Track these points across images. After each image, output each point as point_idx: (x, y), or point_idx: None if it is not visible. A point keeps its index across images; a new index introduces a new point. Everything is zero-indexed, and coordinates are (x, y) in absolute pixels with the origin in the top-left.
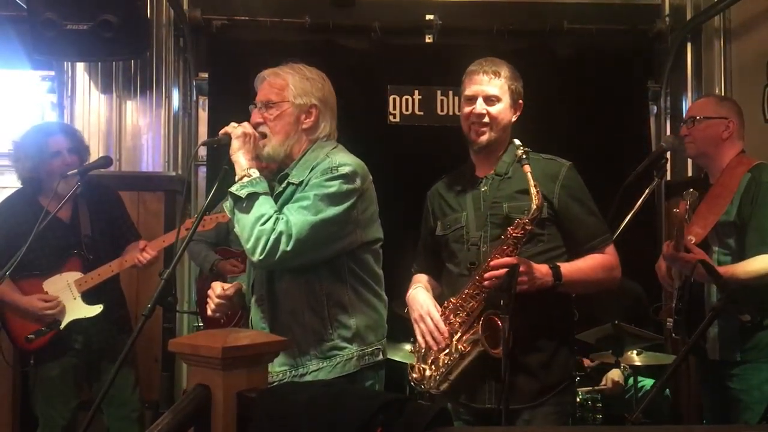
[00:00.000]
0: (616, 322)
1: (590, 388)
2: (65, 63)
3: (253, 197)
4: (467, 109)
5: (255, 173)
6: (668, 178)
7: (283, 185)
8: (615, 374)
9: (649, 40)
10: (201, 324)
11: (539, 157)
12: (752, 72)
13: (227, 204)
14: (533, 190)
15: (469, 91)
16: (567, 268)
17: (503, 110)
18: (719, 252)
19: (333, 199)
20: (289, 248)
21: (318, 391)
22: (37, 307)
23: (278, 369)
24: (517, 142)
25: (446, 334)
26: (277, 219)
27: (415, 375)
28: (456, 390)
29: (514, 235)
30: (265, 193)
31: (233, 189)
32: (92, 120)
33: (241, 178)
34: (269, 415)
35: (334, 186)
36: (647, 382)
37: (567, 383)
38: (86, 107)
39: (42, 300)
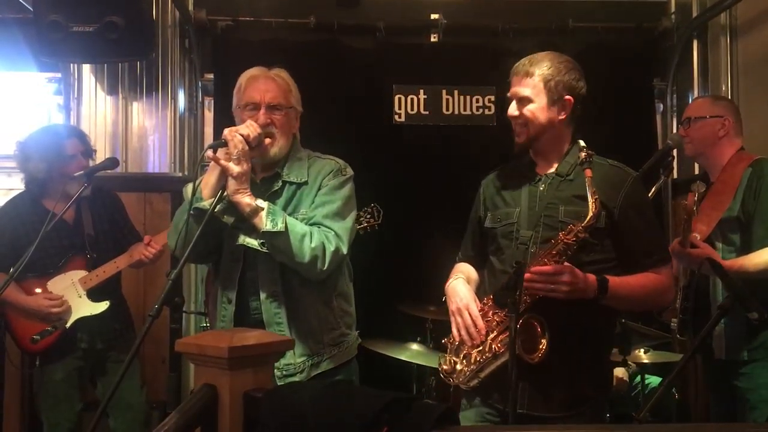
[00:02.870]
0: (623, 320)
1: None
2: (71, 65)
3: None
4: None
5: (263, 203)
6: (675, 176)
7: (279, 184)
8: (619, 372)
9: (655, 37)
10: (208, 324)
11: (605, 162)
12: (759, 69)
13: (251, 241)
14: (590, 197)
15: (509, 92)
16: (615, 282)
17: (538, 110)
18: (723, 249)
19: (351, 199)
20: (344, 253)
21: (324, 391)
22: (43, 306)
23: (299, 360)
24: (581, 143)
25: (483, 331)
26: (320, 232)
27: (445, 367)
28: (489, 390)
29: (565, 240)
30: (283, 213)
31: (267, 228)
32: (98, 121)
33: (256, 212)
34: (275, 415)
35: (347, 188)
36: (654, 381)
37: (602, 396)
38: (92, 109)
39: (47, 298)
